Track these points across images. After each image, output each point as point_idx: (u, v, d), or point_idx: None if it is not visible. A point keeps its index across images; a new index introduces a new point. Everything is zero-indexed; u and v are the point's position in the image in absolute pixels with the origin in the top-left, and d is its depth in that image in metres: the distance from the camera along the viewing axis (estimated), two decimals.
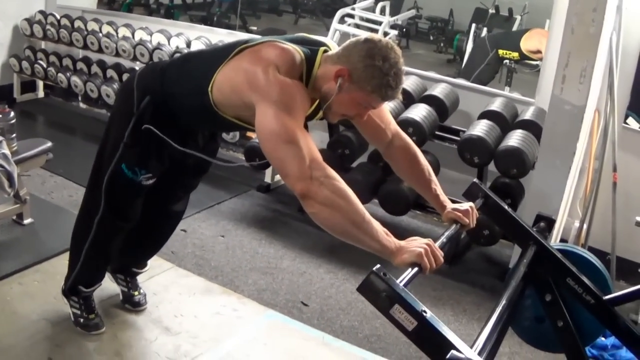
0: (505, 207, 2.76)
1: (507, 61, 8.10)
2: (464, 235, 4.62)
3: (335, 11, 9.57)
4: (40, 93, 7.77)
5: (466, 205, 2.66)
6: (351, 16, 9.60)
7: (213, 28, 7.19)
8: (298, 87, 2.46)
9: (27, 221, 4.45)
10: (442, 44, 11.55)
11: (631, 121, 4.71)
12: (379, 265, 1.94)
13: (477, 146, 4.33)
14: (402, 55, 2.46)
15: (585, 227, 4.58)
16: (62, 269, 3.47)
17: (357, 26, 9.62)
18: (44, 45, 7.46)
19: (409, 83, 5.03)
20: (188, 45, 6.35)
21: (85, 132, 6.65)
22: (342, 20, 9.40)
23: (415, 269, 2.13)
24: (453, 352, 1.79)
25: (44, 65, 7.12)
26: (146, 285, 3.86)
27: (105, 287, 3.64)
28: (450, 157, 4.67)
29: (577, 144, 3.95)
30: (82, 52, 7.09)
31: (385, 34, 9.26)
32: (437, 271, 3.98)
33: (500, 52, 7.77)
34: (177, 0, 12.50)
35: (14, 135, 4.28)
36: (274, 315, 3.86)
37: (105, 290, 3.69)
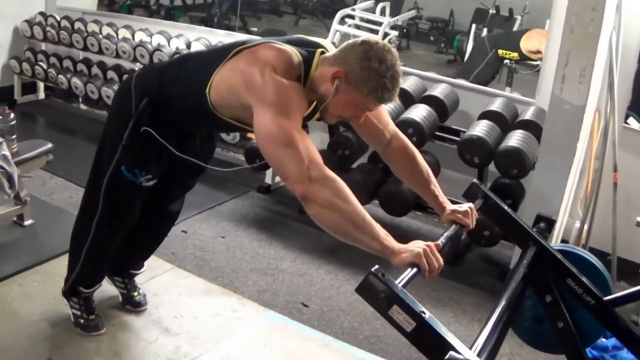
0: (505, 207, 2.75)
1: (508, 61, 8.10)
2: (464, 236, 4.61)
3: (335, 12, 9.58)
4: (41, 94, 7.77)
5: (466, 206, 2.65)
6: (351, 17, 9.61)
7: (213, 29, 7.19)
8: (295, 88, 2.46)
9: (27, 222, 4.45)
10: (443, 45, 11.52)
11: (632, 121, 4.72)
12: (377, 266, 1.94)
13: (477, 146, 4.32)
14: (399, 57, 2.46)
15: (585, 227, 4.58)
16: (62, 270, 3.47)
17: (358, 27, 9.62)
18: (44, 46, 7.46)
19: (409, 83, 5.03)
20: (188, 46, 6.35)
21: (86, 134, 6.63)
22: (342, 21, 9.40)
23: (414, 270, 2.13)
24: (452, 353, 1.79)
25: (45, 66, 7.12)
26: (146, 286, 3.86)
27: (105, 288, 3.64)
28: (450, 157, 4.67)
29: (577, 144, 3.95)
30: (82, 53, 7.09)
31: (386, 35, 9.26)
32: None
33: (500, 52, 7.76)
34: (178, 2, 12.50)
35: (14, 136, 4.27)
36: (274, 316, 3.85)
37: (105, 292, 3.69)
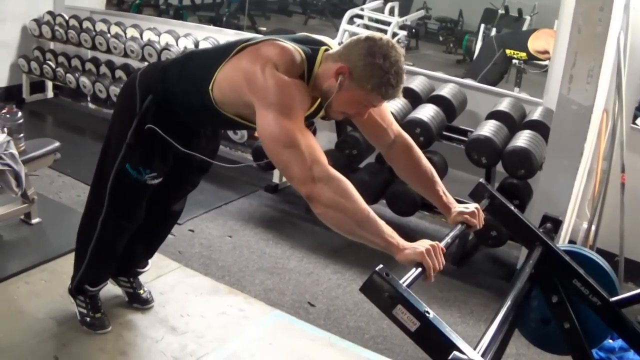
0: (512, 207, 2.74)
1: (516, 61, 8.08)
2: (471, 237, 4.60)
3: (344, 12, 9.57)
4: (49, 93, 7.79)
5: (472, 206, 2.64)
6: (360, 17, 9.60)
7: (221, 28, 7.19)
8: (297, 85, 2.46)
9: (34, 221, 4.47)
10: (452, 45, 11.50)
11: None
12: (381, 266, 1.94)
13: (485, 146, 4.31)
14: (403, 54, 2.45)
15: (593, 228, 4.56)
16: (69, 269, 3.48)
17: (366, 27, 9.61)
18: (52, 45, 7.49)
19: (417, 83, 5.02)
20: (196, 45, 6.34)
21: (94, 132, 6.64)
22: (351, 21, 9.39)
23: (418, 270, 2.12)
24: (455, 353, 1.78)
25: (53, 65, 7.15)
26: (153, 284, 3.87)
27: (111, 287, 3.65)
28: (458, 157, 4.66)
29: (584, 145, 3.93)
30: (90, 52, 7.11)
31: (394, 35, 9.25)
32: (444, 272, 3.97)
33: (508, 52, 7.73)
34: (186, 1, 12.51)
35: (21, 135, 4.29)
36: (280, 315, 3.85)
37: (112, 290, 3.70)
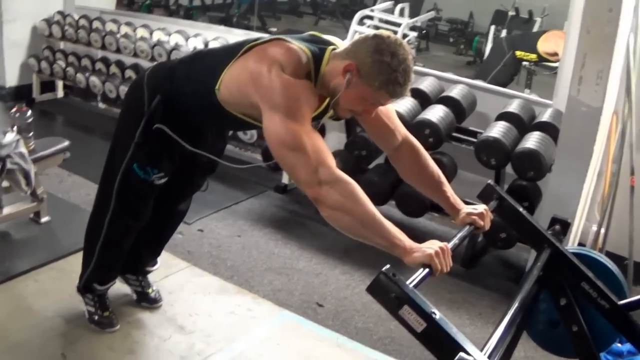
0: (520, 209, 2.73)
1: (527, 63, 8.06)
2: (480, 239, 4.59)
3: (354, 13, 9.58)
4: (60, 93, 7.81)
5: (480, 207, 2.64)
6: (370, 18, 9.60)
7: (230, 29, 7.18)
8: (303, 86, 2.46)
9: (44, 219, 4.49)
10: (462, 46, 11.49)
11: None
12: (388, 266, 1.94)
13: (494, 148, 4.30)
14: (411, 53, 2.45)
15: (602, 231, 4.54)
16: (78, 267, 3.49)
17: (377, 28, 9.60)
18: (62, 45, 7.51)
19: (426, 84, 5.01)
20: (206, 45, 6.34)
21: (104, 132, 6.63)
22: (361, 22, 9.38)
23: (425, 271, 2.12)
24: (461, 354, 1.78)
25: (63, 65, 7.18)
26: (162, 283, 3.88)
27: (120, 285, 3.66)
28: (467, 159, 4.64)
29: (594, 147, 3.92)
30: (100, 52, 7.13)
31: (405, 36, 9.24)
32: (453, 274, 3.96)
33: (518, 53, 7.72)
34: (197, 2, 12.54)
35: (31, 133, 4.30)
36: (288, 315, 3.85)
37: (120, 289, 3.71)
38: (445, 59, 11.11)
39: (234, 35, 6.48)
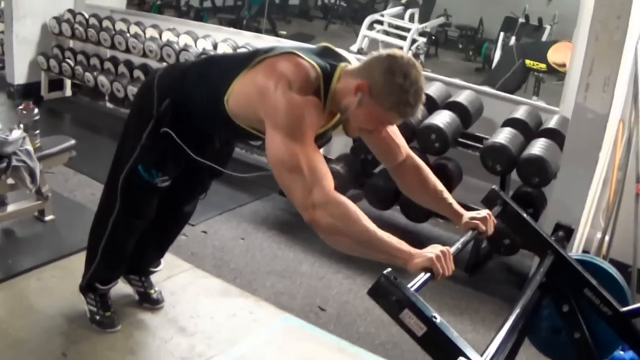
0: (523, 214, 2.72)
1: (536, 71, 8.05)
2: (484, 245, 4.58)
3: (364, 17, 9.60)
4: (68, 91, 7.85)
5: (484, 212, 2.63)
6: (380, 23, 9.62)
7: (240, 31, 7.18)
8: (308, 104, 2.44)
9: (48, 218, 4.49)
10: (471, 52, 11.49)
11: None
12: (389, 269, 1.93)
13: (500, 154, 4.29)
14: (423, 73, 2.44)
15: (607, 238, 4.52)
16: (81, 266, 3.49)
17: (386, 33, 9.63)
18: (72, 44, 7.53)
19: (434, 89, 5.00)
20: (215, 47, 6.36)
21: (111, 132, 6.61)
22: (371, 27, 9.42)
23: (427, 275, 2.11)
24: (461, 359, 1.77)
25: (72, 63, 7.20)
26: (164, 285, 3.88)
27: (122, 286, 3.66)
28: (472, 164, 4.63)
29: (600, 154, 3.90)
30: (109, 51, 7.14)
31: (414, 41, 9.25)
32: (456, 280, 3.94)
33: (528, 62, 7.72)
34: (207, 4, 12.57)
35: (37, 131, 4.31)
36: (290, 319, 3.84)
37: (122, 290, 3.71)
38: (454, 65, 11.10)
39: (244, 37, 6.49)
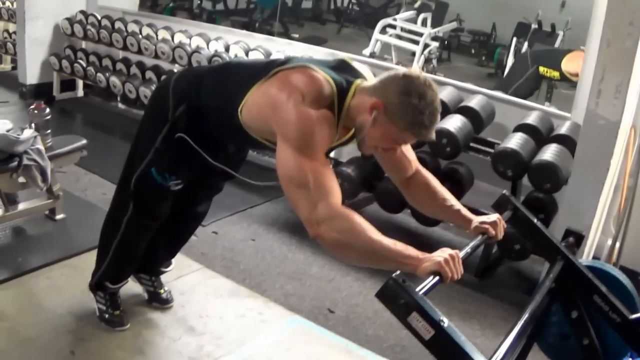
0: (534, 219, 2.71)
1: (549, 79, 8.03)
2: (495, 250, 4.57)
3: (377, 21, 9.60)
4: (80, 92, 7.88)
5: (493, 216, 2.63)
6: (393, 27, 9.62)
7: (252, 33, 7.15)
8: (320, 118, 2.45)
9: (59, 217, 4.51)
10: (484, 58, 11.46)
11: None
12: (398, 272, 1.94)
13: (511, 159, 4.29)
14: (438, 93, 2.44)
15: (617, 245, 4.51)
16: (91, 265, 3.50)
17: (399, 37, 9.63)
18: (84, 44, 7.56)
19: (445, 94, 4.99)
20: (227, 49, 6.38)
21: (123, 132, 6.68)
22: (383, 31, 9.41)
23: (436, 278, 2.11)
24: None
25: (84, 64, 7.22)
26: (174, 284, 3.88)
27: (131, 285, 3.66)
28: (484, 169, 4.63)
29: (611, 160, 3.88)
30: (121, 53, 7.16)
31: (426, 46, 9.24)
32: (466, 284, 3.93)
33: (541, 69, 7.69)
34: (220, 6, 12.59)
35: (48, 131, 4.33)
36: (299, 320, 3.84)
37: (132, 289, 3.72)
38: (466, 70, 11.07)
39: (255, 40, 6.50)
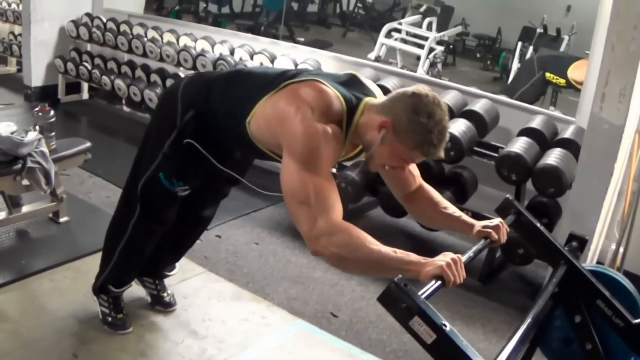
0: (537, 224, 2.71)
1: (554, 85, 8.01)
2: (498, 254, 4.56)
3: (382, 25, 9.59)
4: (85, 94, 7.90)
5: (496, 220, 2.62)
6: (398, 31, 9.61)
7: (257, 37, 7.15)
8: (327, 133, 2.44)
9: (62, 219, 4.51)
10: (489, 62, 11.45)
11: None
12: (400, 276, 1.94)
13: (515, 163, 4.28)
14: (447, 111, 2.45)
15: (621, 250, 4.50)
16: (94, 268, 3.50)
17: (404, 41, 9.63)
18: (89, 47, 7.58)
19: (450, 97, 4.99)
20: (232, 52, 6.39)
21: (127, 135, 6.70)
22: (389, 35, 9.41)
23: (438, 282, 2.10)
24: None
25: (89, 67, 7.23)
26: (177, 288, 3.88)
27: (134, 288, 3.67)
28: (488, 173, 4.63)
29: (615, 165, 3.87)
30: (127, 55, 7.19)
31: (431, 50, 9.24)
32: (469, 288, 3.91)
33: (548, 75, 7.67)
34: (225, 10, 12.60)
35: (52, 133, 4.34)
36: (302, 324, 3.84)
37: (135, 292, 3.72)
38: (471, 74, 11.08)
39: (260, 43, 6.50)
